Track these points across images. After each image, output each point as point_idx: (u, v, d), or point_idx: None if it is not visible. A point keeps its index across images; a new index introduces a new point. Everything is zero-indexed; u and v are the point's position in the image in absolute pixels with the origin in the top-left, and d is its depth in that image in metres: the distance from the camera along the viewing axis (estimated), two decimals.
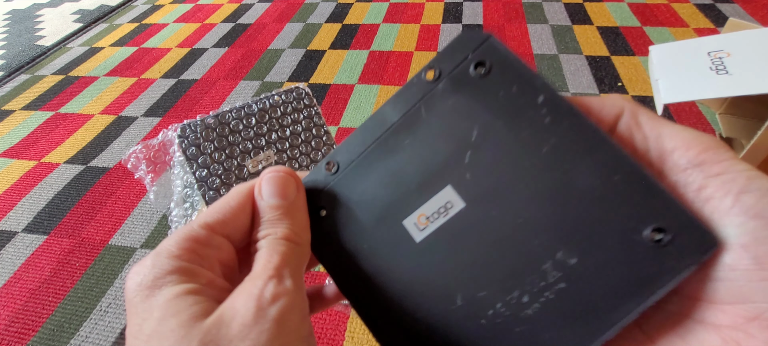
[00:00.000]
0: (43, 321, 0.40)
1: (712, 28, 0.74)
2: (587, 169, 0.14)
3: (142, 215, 0.49)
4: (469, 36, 0.16)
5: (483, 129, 0.15)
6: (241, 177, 0.40)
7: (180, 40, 0.89)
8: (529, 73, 0.15)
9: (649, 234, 0.13)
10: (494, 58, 0.15)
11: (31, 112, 0.71)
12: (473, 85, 0.16)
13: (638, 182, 0.14)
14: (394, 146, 0.16)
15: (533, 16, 0.83)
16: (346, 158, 0.17)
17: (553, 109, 0.15)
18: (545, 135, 0.15)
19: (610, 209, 0.14)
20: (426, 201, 0.16)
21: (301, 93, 0.45)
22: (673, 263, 0.13)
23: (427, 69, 0.16)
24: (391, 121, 0.17)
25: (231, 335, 0.12)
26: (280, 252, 0.14)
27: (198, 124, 0.40)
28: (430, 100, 0.16)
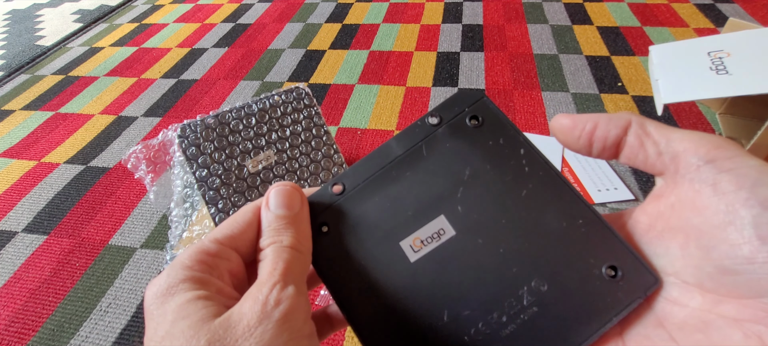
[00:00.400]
0: (43, 321, 0.40)
1: (712, 28, 0.74)
2: (557, 212, 0.18)
3: (142, 215, 0.49)
4: (468, 93, 0.20)
5: (474, 170, 0.19)
6: (241, 177, 0.40)
7: (180, 40, 0.89)
8: (514, 130, 0.19)
9: (605, 271, 0.16)
10: (486, 115, 0.19)
11: (31, 112, 0.71)
12: (468, 134, 0.19)
13: (597, 227, 0.17)
14: (397, 177, 0.19)
15: (533, 16, 0.83)
16: (352, 182, 0.19)
17: (531, 161, 0.18)
18: (524, 181, 0.18)
19: (575, 247, 0.17)
20: (421, 226, 0.18)
21: (301, 93, 0.45)
22: (624, 296, 0.16)
23: (430, 115, 0.20)
24: (396, 155, 0.19)
25: (237, 334, 0.13)
26: (284, 259, 0.15)
27: (198, 124, 0.40)
28: (431, 142, 0.19)
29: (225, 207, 0.39)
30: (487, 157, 0.19)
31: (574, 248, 0.17)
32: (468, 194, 0.18)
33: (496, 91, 0.64)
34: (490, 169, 0.19)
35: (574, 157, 0.51)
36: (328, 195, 0.19)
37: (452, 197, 0.18)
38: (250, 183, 0.41)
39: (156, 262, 0.44)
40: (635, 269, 0.16)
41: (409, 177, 0.19)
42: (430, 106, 0.62)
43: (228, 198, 0.40)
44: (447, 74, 0.68)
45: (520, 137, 0.19)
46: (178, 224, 0.43)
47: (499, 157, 0.19)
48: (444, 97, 0.63)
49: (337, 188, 0.19)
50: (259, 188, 0.41)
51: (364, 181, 0.19)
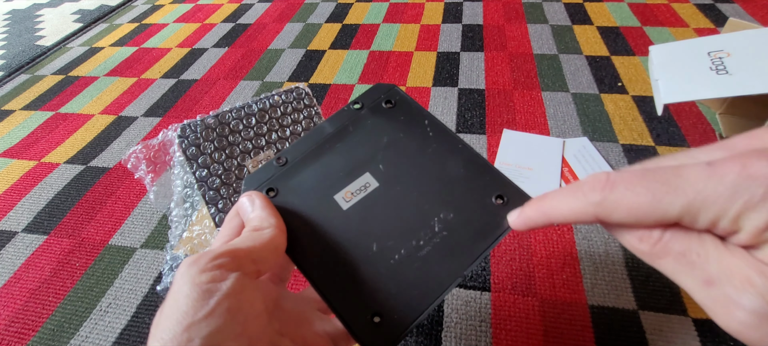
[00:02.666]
0: (43, 321, 0.40)
1: (712, 28, 0.74)
2: (456, 162, 0.23)
3: (142, 215, 0.49)
4: (382, 85, 0.26)
5: (390, 138, 0.24)
6: (241, 177, 0.40)
7: (180, 40, 0.89)
8: (419, 107, 0.25)
9: (495, 199, 0.22)
10: (397, 98, 0.26)
11: (31, 112, 0.71)
12: (384, 113, 0.25)
13: (487, 170, 0.23)
14: (329, 149, 0.24)
15: (533, 16, 0.83)
16: (293, 156, 0.24)
17: (434, 129, 0.24)
18: (429, 142, 0.24)
19: (471, 185, 0.22)
20: (351, 182, 0.23)
21: (301, 93, 0.45)
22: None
23: (353, 103, 0.26)
24: (328, 132, 0.25)
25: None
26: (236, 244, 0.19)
27: (198, 124, 0.40)
28: (356, 120, 0.25)
29: (225, 207, 0.39)
30: (399, 128, 0.24)
31: (470, 185, 0.22)
32: (387, 156, 0.23)
33: (496, 91, 0.64)
34: (402, 137, 0.24)
35: (574, 157, 0.51)
36: (274, 167, 0.24)
37: (374, 159, 0.23)
38: None
39: (156, 262, 0.44)
40: (517, 195, 0.21)
41: (339, 148, 0.24)
42: (430, 107, 0.62)
43: (228, 198, 0.40)
44: (447, 74, 0.68)
45: (424, 112, 0.25)
46: (178, 224, 0.43)
47: (409, 127, 0.24)
48: (444, 97, 0.63)
49: (281, 161, 0.24)
50: None
51: (302, 154, 0.24)
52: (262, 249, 0.19)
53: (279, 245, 0.20)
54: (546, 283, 0.38)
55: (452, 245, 0.21)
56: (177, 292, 0.16)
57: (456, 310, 0.37)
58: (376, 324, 0.19)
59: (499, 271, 0.40)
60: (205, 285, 0.16)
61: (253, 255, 0.18)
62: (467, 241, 0.21)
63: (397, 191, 0.22)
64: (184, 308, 0.15)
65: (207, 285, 0.16)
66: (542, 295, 0.37)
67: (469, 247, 0.21)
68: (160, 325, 0.15)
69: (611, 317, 0.35)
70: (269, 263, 0.19)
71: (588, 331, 0.35)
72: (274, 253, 0.19)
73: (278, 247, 0.20)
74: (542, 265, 0.40)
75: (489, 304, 0.37)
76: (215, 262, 0.17)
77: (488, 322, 0.36)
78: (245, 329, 0.16)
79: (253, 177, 0.23)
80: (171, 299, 0.16)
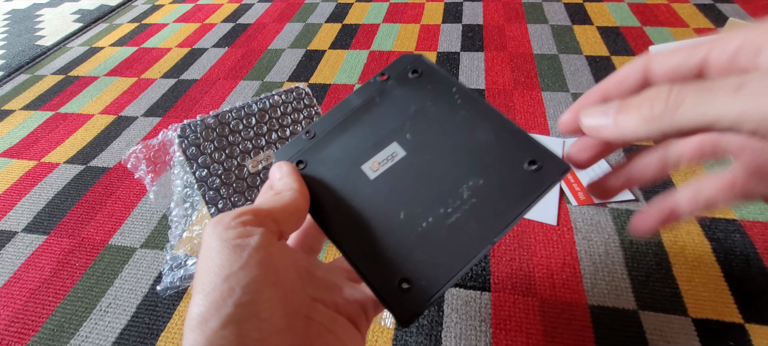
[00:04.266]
0: (43, 321, 0.40)
1: (712, 28, 0.74)
2: (486, 128, 0.22)
3: (142, 215, 0.49)
4: (407, 56, 0.26)
5: (417, 107, 0.24)
6: (241, 177, 0.40)
7: (180, 40, 0.89)
8: (446, 75, 0.25)
9: (527, 165, 0.21)
10: (424, 67, 0.25)
11: (31, 112, 0.71)
12: (411, 82, 0.25)
13: (519, 135, 0.22)
14: (357, 120, 0.24)
15: (533, 16, 0.83)
16: (322, 129, 0.24)
17: (462, 95, 0.24)
18: (458, 110, 0.23)
19: (502, 151, 0.22)
20: (378, 152, 0.23)
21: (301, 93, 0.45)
22: (545, 180, 0.21)
23: (380, 74, 0.25)
24: (355, 105, 0.25)
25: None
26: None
27: (198, 124, 0.40)
28: (383, 91, 0.25)
29: (225, 207, 0.39)
30: (427, 97, 0.24)
31: (501, 151, 0.22)
32: (414, 125, 0.23)
33: (496, 91, 0.64)
34: (430, 105, 0.24)
35: None
36: (303, 140, 0.24)
37: (402, 128, 0.23)
38: (250, 183, 0.41)
39: (156, 262, 0.44)
40: (551, 160, 0.21)
41: (366, 120, 0.24)
42: None
43: (228, 198, 0.40)
44: None
45: (451, 80, 0.24)
46: (178, 224, 0.43)
47: (437, 95, 0.24)
48: None
49: (309, 134, 0.24)
50: (259, 188, 0.41)
51: (330, 127, 0.24)
52: (281, 210, 0.19)
53: (300, 208, 0.20)
54: (546, 283, 0.38)
55: (482, 212, 0.20)
56: (208, 249, 0.16)
57: (456, 310, 0.37)
58: (405, 290, 0.20)
59: (499, 271, 0.40)
60: (233, 241, 0.16)
61: (273, 215, 0.19)
62: (498, 207, 0.20)
63: (424, 160, 0.22)
64: (219, 262, 0.16)
65: (235, 240, 0.16)
66: (542, 295, 0.37)
67: (500, 214, 0.20)
68: (199, 278, 0.16)
69: (611, 317, 0.35)
70: (290, 225, 0.20)
71: (588, 331, 0.35)
72: (295, 215, 0.20)
73: (299, 209, 0.20)
74: (542, 265, 0.40)
75: (489, 304, 0.37)
76: (239, 219, 0.17)
77: (488, 322, 0.36)
78: (279, 279, 0.17)
79: (283, 150, 0.24)
80: (204, 256, 0.16)
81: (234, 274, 0.16)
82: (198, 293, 0.15)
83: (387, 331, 0.36)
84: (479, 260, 0.20)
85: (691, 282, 0.37)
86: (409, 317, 0.19)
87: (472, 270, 0.40)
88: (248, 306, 0.15)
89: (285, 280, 0.17)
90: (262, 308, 0.16)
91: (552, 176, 0.20)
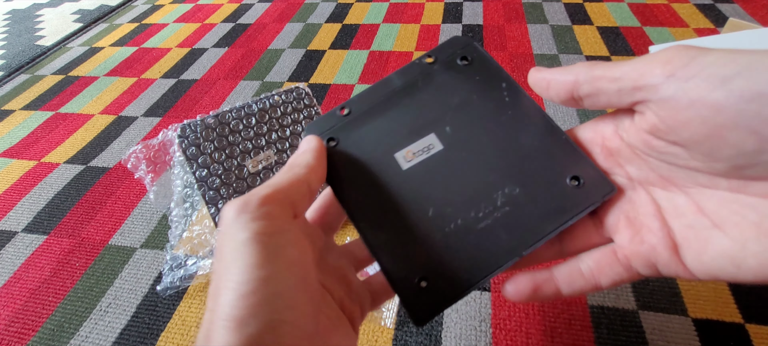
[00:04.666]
0: (43, 321, 0.40)
1: (712, 28, 0.74)
2: (531, 133, 0.21)
3: (142, 215, 0.49)
4: (459, 38, 0.24)
5: (462, 99, 0.22)
6: (241, 177, 0.40)
7: (180, 40, 0.89)
8: (498, 67, 0.23)
9: (569, 180, 0.20)
10: (475, 55, 0.23)
11: (31, 112, 0.71)
12: (458, 70, 0.23)
13: (565, 145, 0.20)
14: (396, 103, 0.23)
15: (533, 16, 0.83)
16: (358, 107, 0.23)
17: (512, 93, 0.22)
18: (505, 108, 0.22)
19: (545, 160, 0.20)
20: (414, 142, 0.22)
21: (301, 93, 0.45)
22: (584, 200, 0.19)
23: (426, 56, 0.23)
24: (396, 86, 0.23)
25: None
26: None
27: (198, 124, 0.40)
28: (426, 76, 0.23)
29: None
30: (473, 89, 0.22)
31: (544, 161, 0.20)
32: (456, 118, 0.22)
33: None
34: (476, 99, 0.22)
35: None
36: (337, 117, 0.23)
37: (442, 120, 0.22)
38: (250, 183, 0.41)
39: (156, 262, 0.44)
40: (596, 179, 0.19)
41: (405, 104, 0.23)
42: None
43: (228, 198, 0.40)
44: None
45: (503, 73, 0.23)
46: (178, 224, 0.43)
47: (484, 89, 0.22)
48: None
49: (344, 111, 0.23)
50: None
51: (367, 106, 0.23)
52: (295, 188, 0.19)
53: (312, 185, 0.20)
54: None
55: (514, 223, 0.19)
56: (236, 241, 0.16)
57: (456, 310, 0.37)
58: (422, 289, 0.19)
59: None
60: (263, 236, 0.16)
61: (291, 197, 0.18)
62: (531, 220, 0.19)
63: (461, 157, 0.21)
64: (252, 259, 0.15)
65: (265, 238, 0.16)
66: None
67: (533, 227, 0.19)
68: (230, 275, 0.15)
69: (611, 317, 0.35)
70: (302, 204, 0.19)
71: (588, 331, 0.35)
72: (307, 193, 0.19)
73: (311, 187, 0.20)
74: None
75: (489, 304, 0.37)
76: (264, 209, 0.17)
77: (488, 322, 0.36)
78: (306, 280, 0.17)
79: (315, 124, 0.23)
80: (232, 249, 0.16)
81: (274, 277, 0.15)
82: (231, 291, 0.15)
83: (387, 331, 0.36)
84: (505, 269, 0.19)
85: (691, 282, 0.37)
86: (424, 317, 0.19)
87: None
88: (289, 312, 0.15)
89: (312, 281, 0.17)
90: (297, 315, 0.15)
91: (593, 196, 0.19)
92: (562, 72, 0.19)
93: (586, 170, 0.20)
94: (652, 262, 0.18)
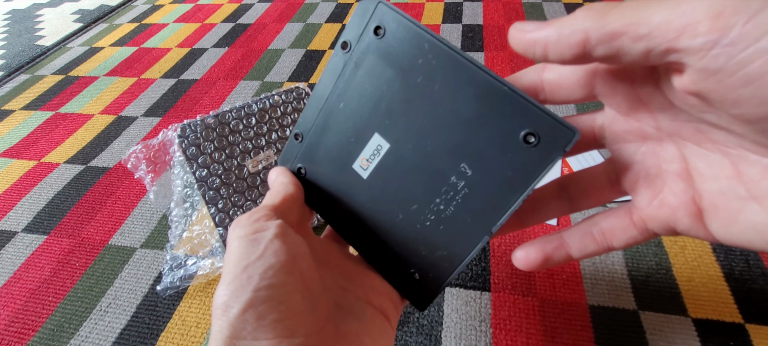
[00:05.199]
0: (43, 321, 0.40)
1: None
2: (469, 97, 0.18)
3: (142, 215, 0.49)
4: (363, 3, 0.20)
5: (389, 84, 0.20)
6: (241, 177, 0.40)
7: (180, 40, 0.89)
8: (415, 27, 0.19)
9: (522, 139, 0.17)
10: (386, 20, 0.19)
11: (31, 112, 0.71)
12: (376, 47, 0.20)
13: (509, 99, 0.17)
14: (333, 110, 0.21)
15: (533, 16, 0.83)
16: (304, 128, 0.23)
17: (437, 53, 0.18)
18: (434, 75, 0.18)
19: (492, 125, 0.18)
20: (363, 147, 0.21)
21: (301, 93, 0.45)
22: (545, 156, 0.17)
23: (341, 44, 0.21)
24: (326, 93, 0.22)
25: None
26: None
27: (198, 124, 0.40)
28: (348, 69, 0.21)
29: (225, 207, 0.39)
30: (396, 64, 0.19)
31: (490, 126, 0.18)
32: (390, 106, 0.20)
33: None
34: (401, 78, 0.19)
35: (575, 157, 0.51)
36: (295, 144, 0.23)
37: (378, 114, 0.20)
38: (250, 183, 0.41)
39: (156, 262, 0.44)
40: (552, 129, 0.16)
41: (342, 108, 0.21)
42: None
43: (228, 198, 0.40)
44: None
45: (422, 34, 0.18)
46: (178, 224, 0.43)
47: (407, 59, 0.19)
48: None
49: (298, 138, 0.23)
50: (259, 188, 0.41)
51: (312, 124, 0.22)
52: (282, 202, 0.21)
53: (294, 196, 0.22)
54: (546, 283, 0.38)
55: (476, 203, 0.19)
56: (229, 247, 0.18)
57: (456, 310, 0.37)
58: (417, 280, 0.20)
59: (499, 271, 0.40)
60: (250, 236, 0.18)
61: (279, 208, 0.21)
62: (491, 196, 0.18)
63: (409, 149, 0.20)
64: (237, 255, 0.17)
65: (251, 236, 0.18)
66: (542, 295, 0.37)
67: (495, 203, 0.18)
68: (223, 274, 0.18)
69: (611, 317, 0.35)
70: (293, 213, 0.21)
71: (588, 331, 0.35)
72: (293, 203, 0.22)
73: (294, 198, 0.22)
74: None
75: (489, 304, 0.37)
76: (253, 216, 0.19)
77: (488, 322, 0.36)
78: (295, 265, 0.18)
79: (281, 159, 0.24)
80: (227, 254, 0.18)
81: (251, 264, 0.17)
82: (221, 284, 0.17)
83: None
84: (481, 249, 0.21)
85: (691, 282, 0.37)
86: (425, 302, 0.20)
87: (472, 270, 0.40)
88: (265, 290, 0.16)
89: (302, 266, 0.18)
90: (279, 292, 0.17)
91: (552, 151, 0.16)
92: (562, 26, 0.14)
93: (538, 122, 0.17)
94: (670, 226, 0.17)
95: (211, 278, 0.41)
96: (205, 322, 0.38)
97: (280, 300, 0.17)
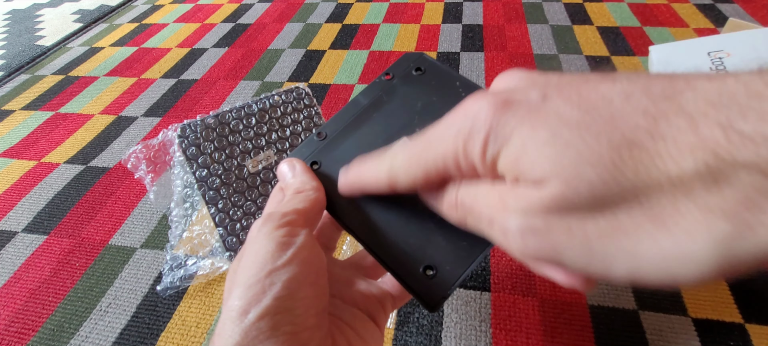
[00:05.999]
0: (43, 321, 0.40)
1: (712, 28, 0.74)
2: None
3: (142, 215, 0.49)
4: (410, 54, 0.27)
5: (424, 103, 0.24)
6: (241, 177, 0.40)
7: (180, 40, 0.89)
8: (449, 69, 0.26)
9: None
10: (426, 64, 0.26)
11: (31, 112, 0.71)
12: (415, 80, 0.26)
13: None
14: (366, 119, 0.25)
15: (533, 16, 0.83)
16: (332, 129, 0.25)
17: (466, 87, 0.24)
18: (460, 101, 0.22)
19: None
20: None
21: (301, 93, 0.45)
22: None
23: (384, 74, 0.26)
24: (363, 104, 0.25)
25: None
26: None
27: (198, 124, 0.40)
28: (389, 90, 0.26)
29: (225, 207, 0.39)
30: (432, 92, 0.25)
31: None
32: (422, 119, 0.24)
33: None
34: (436, 100, 0.24)
35: None
36: (315, 142, 0.25)
37: (411, 125, 0.24)
38: (250, 183, 0.41)
39: (156, 262, 0.44)
40: None
41: (375, 118, 0.25)
42: None
43: (228, 198, 0.40)
44: None
45: (454, 74, 0.25)
46: (178, 224, 0.43)
47: (441, 89, 0.25)
48: None
49: (321, 136, 0.25)
50: (259, 188, 0.41)
51: (340, 127, 0.25)
52: (311, 209, 0.20)
53: (323, 205, 0.22)
54: (546, 283, 0.38)
55: None
56: (255, 245, 0.18)
57: (456, 310, 0.37)
58: (430, 276, 0.21)
59: (499, 271, 0.40)
60: (281, 239, 0.17)
61: (308, 214, 0.20)
62: None
63: None
64: (264, 258, 0.17)
65: (283, 239, 0.18)
66: (542, 295, 0.37)
67: None
68: (242, 273, 0.17)
69: (611, 317, 0.35)
70: (316, 222, 0.21)
71: (588, 331, 0.35)
72: (319, 213, 0.21)
73: (323, 206, 0.22)
74: None
75: (489, 304, 0.37)
76: (285, 219, 0.19)
77: (488, 322, 0.36)
78: (317, 279, 0.18)
79: (297, 152, 0.25)
80: (250, 252, 0.17)
81: (276, 270, 0.17)
82: (239, 285, 0.16)
83: (387, 331, 0.36)
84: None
85: None
86: (437, 301, 0.20)
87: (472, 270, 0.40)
88: (285, 301, 0.16)
89: (321, 280, 0.18)
90: (298, 304, 0.16)
91: None
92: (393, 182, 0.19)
93: None
94: None
95: (211, 278, 0.41)
96: (206, 322, 0.38)
97: (297, 313, 0.16)
